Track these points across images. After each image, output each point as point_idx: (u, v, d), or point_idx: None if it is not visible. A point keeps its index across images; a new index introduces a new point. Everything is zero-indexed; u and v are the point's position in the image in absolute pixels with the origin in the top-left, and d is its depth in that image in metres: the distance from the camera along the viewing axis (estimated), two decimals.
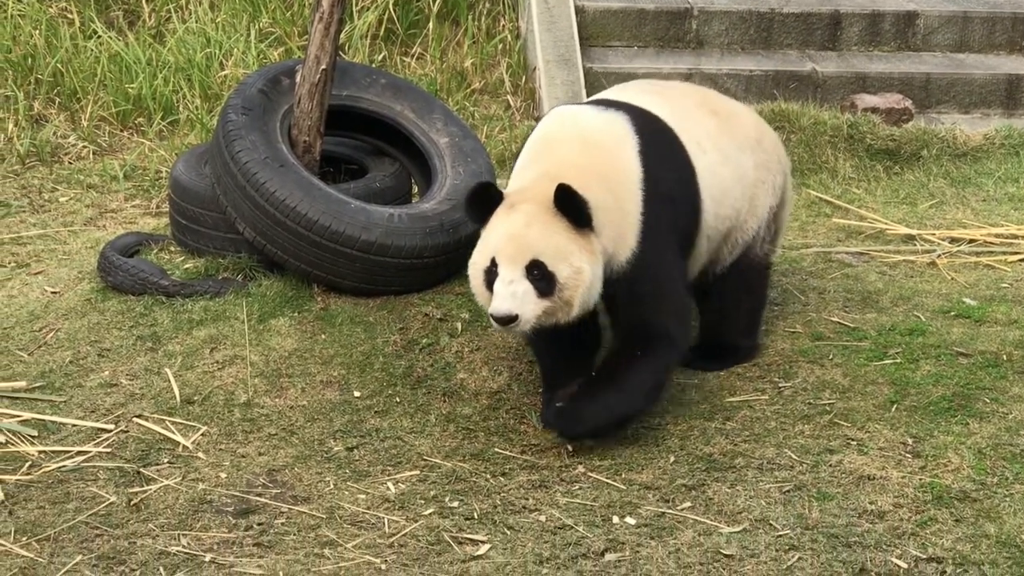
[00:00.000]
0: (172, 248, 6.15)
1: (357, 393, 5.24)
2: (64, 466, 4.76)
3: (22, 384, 5.26)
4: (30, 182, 7.57)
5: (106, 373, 5.35)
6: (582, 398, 4.81)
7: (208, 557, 4.27)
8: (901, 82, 8.63)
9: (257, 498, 4.60)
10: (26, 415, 5.05)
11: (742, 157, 5.29)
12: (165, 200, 6.89)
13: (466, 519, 4.50)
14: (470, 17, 8.80)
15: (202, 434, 4.99)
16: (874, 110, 8.10)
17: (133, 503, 4.56)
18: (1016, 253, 6.67)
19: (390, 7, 8.74)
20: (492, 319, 4.57)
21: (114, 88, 8.20)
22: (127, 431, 4.99)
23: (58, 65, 8.32)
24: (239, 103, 5.87)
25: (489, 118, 8.22)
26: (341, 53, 6.96)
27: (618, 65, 8.55)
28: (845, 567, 4.21)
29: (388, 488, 4.69)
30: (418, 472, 4.78)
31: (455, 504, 4.58)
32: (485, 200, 4.71)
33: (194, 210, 5.98)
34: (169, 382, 5.27)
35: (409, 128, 6.21)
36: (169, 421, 5.05)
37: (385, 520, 4.50)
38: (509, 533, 4.42)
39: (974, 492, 4.59)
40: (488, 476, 4.75)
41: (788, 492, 4.61)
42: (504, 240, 4.59)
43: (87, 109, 8.14)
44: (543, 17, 8.47)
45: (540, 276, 4.55)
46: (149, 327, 5.60)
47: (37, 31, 8.48)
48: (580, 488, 4.67)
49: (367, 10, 8.71)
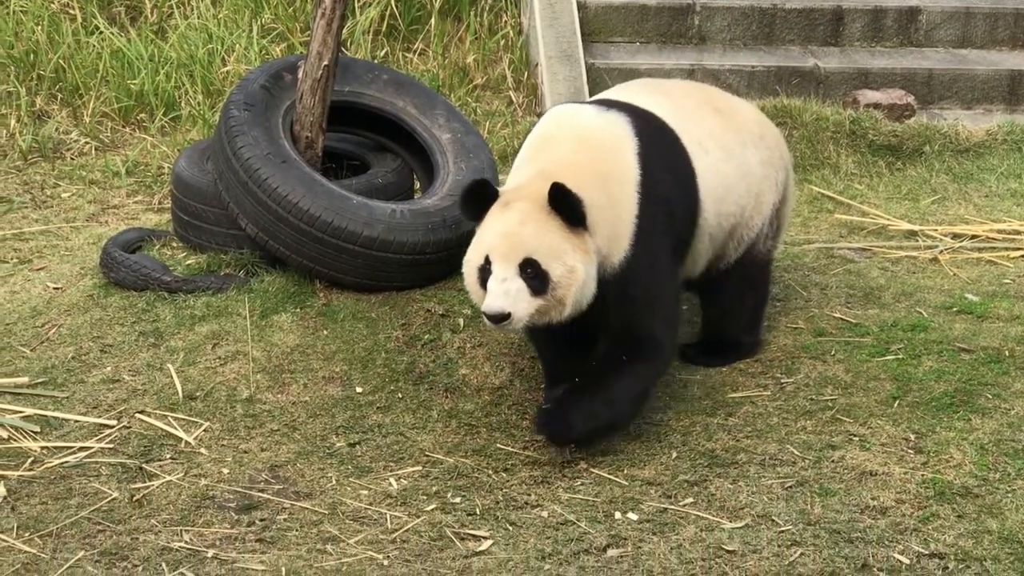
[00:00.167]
0: (174, 244, 6.15)
1: (359, 389, 5.24)
2: (66, 462, 4.77)
3: (24, 380, 5.26)
4: (32, 178, 7.57)
5: (108, 369, 5.35)
6: (571, 404, 4.75)
7: (210, 553, 4.27)
8: (903, 78, 8.63)
9: (259, 494, 4.61)
10: (28, 411, 5.06)
11: (746, 153, 5.28)
12: (167, 196, 6.89)
13: (468, 515, 4.50)
14: (472, 13, 8.79)
15: (204, 430, 4.99)
16: (876, 106, 8.09)
17: (135, 499, 4.56)
18: (1018, 249, 6.67)
19: (392, 3, 8.73)
20: (485, 317, 4.56)
21: (116, 84, 8.20)
22: (129, 427, 5.00)
23: (60, 61, 8.31)
24: (241, 99, 5.87)
25: (491, 114, 8.22)
26: (343, 49, 6.95)
27: (620, 61, 8.55)
28: (847, 563, 4.22)
29: (390, 484, 4.69)
30: (420, 468, 4.78)
31: (457, 500, 4.58)
32: (480, 197, 4.70)
33: (196, 206, 5.98)
34: (171, 378, 5.27)
35: (411, 124, 6.21)
36: (171, 417, 5.05)
37: (387, 516, 4.50)
38: (511, 529, 4.42)
39: (976, 488, 4.59)
40: (490, 472, 4.75)
41: (790, 488, 4.61)
42: (498, 238, 4.58)
43: (89, 105, 8.13)
44: (545, 13, 8.46)
45: (534, 274, 4.54)
46: (151, 323, 5.60)
47: (39, 27, 8.48)
48: (582, 484, 4.67)
49: (369, 6, 8.71)
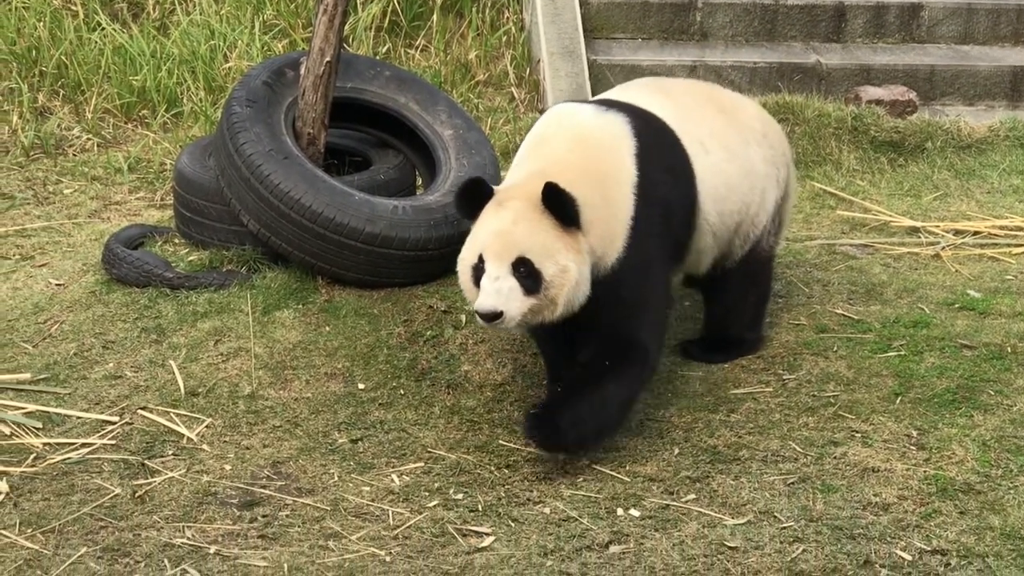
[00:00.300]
0: (176, 240, 6.15)
1: (361, 385, 5.24)
2: (69, 458, 4.77)
3: (27, 376, 5.27)
4: (34, 174, 7.57)
5: (111, 365, 5.35)
6: (559, 411, 4.68)
7: (213, 549, 4.28)
8: (905, 74, 8.62)
9: (261, 490, 4.61)
10: (31, 407, 5.06)
11: (749, 151, 5.27)
12: (169, 192, 6.89)
13: (470, 511, 4.50)
14: (474, 9, 8.79)
15: (206, 426, 4.99)
16: (878, 102, 8.08)
17: (138, 495, 4.56)
18: (1020, 245, 6.66)
19: None
20: (477, 315, 4.54)
21: (118, 80, 8.20)
22: (131, 423, 5.00)
23: (62, 57, 8.32)
24: (243, 95, 5.87)
25: (493, 110, 8.22)
26: (345, 45, 6.94)
27: (622, 57, 8.55)
28: (849, 559, 4.21)
29: (392, 480, 4.69)
30: (422, 464, 4.78)
31: (459, 496, 4.58)
32: (475, 196, 4.69)
33: (198, 202, 5.98)
34: (173, 374, 5.27)
35: (413, 120, 6.21)
36: (174, 413, 5.05)
37: (389, 512, 4.50)
38: (513, 525, 4.42)
39: (978, 484, 4.59)
40: (492, 468, 4.75)
41: (792, 484, 4.61)
42: (492, 236, 4.57)
43: (91, 101, 8.13)
44: (547, 9, 8.46)
45: (527, 273, 4.52)
46: (153, 319, 5.60)
47: (41, 23, 8.48)
48: (584, 480, 4.67)
49: (371, 2, 8.70)
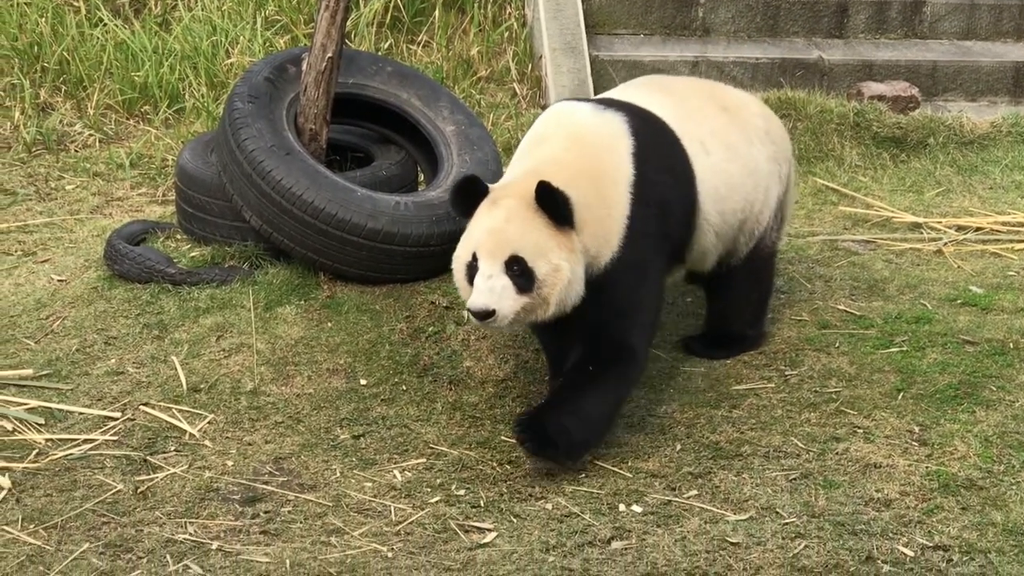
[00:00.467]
0: (178, 236, 6.15)
1: (363, 381, 5.24)
2: (71, 454, 4.77)
3: (29, 372, 5.27)
4: (36, 170, 7.57)
5: (113, 361, 5.36)
6: (549, 419, 4.64)
7: (215, 545, 4.28)
8: (908, 70, 8.62)
9: (264, 486, 4.61)
10: (33, 403, 5.06)
11: (753, 150, 5.25)
12: (171, 188, 6.89)
13: (472, 507, 4.50)
14: (476, 5, 8.78)
15: (208, 422, 4.99)
16: (881, 98, 8.08)
17: (140, 491, 4.56)
18: (1023, 241, 6.66)
19: None
20: (470, 314, 4.53)
21: (120, 76, 8.20)
22: (134, 419, 5.00)
23: (64, 53, 8.31)
24: (245, 91, 5.87)
25: (495, 106, 8.21)
26: (347, 41, 6.94)
27: (624, 53, 8.54)
28: (851, 555, 4.22)
29: (394, 476, 4.69)
30: (424, 460, 4.78)
31: (461, 492, 4.59)
32: (470, 193, 4.68)
33: (200, 198, 5.98)
34: (175, 370, 5.28)
35: (415, 116, 6.21)
36: (176, 409, 5.06)
37: (391, 508, 4.50)
38: (515, 521, 4.42)
39: (980, 480, 4.59)
40: (494, 464, 4.75)
41: (794, 480, 4.61)
42: (485, 235, 4.56)
43: (93, 97, 8.13)
44: (549, 5, 8.45)
45: (520, 272, 4.51)
46: (155, 315, 5.60)
47: (43, 19, 8.47)
48: (586, 476, 4.67)
49: None
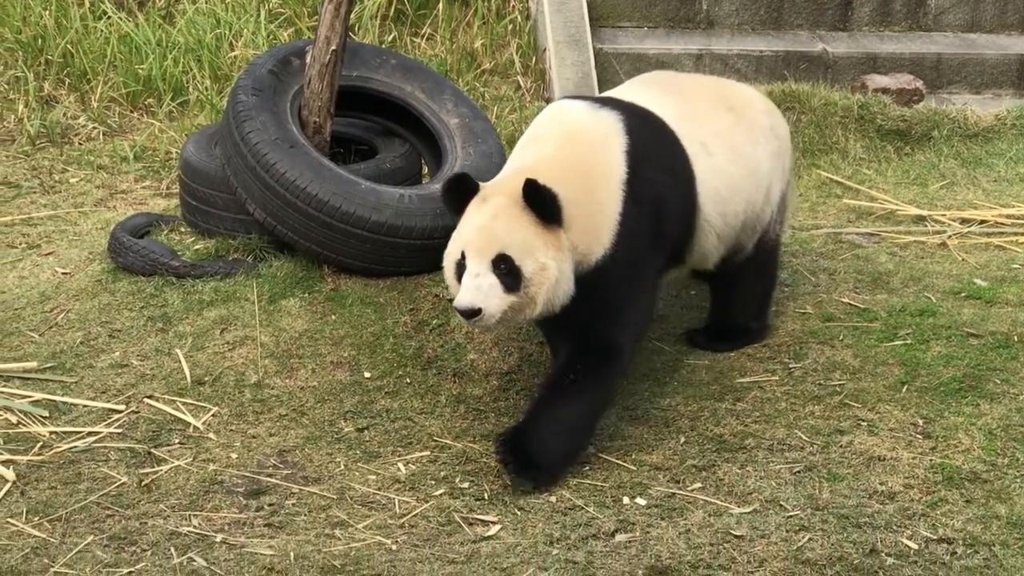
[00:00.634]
0: (182, 229, 6.15)
1: (367, 374, 5.24)
2: (75, 447, 4.78)
3: (33, 365, 5.27)
4: (40, 163, 7.57)
5: (117, 354, 5.36)
6: (530, 436, 4.58)
7: (219, 538, 4.28)
8: (912, 62, 8.60)
9: (268, 479, 4.61)
10: (37, 396, 5.07)
11: (756, 150, 5.21)
12: (175, 181, 6.89)
13: (476, 500, 4.50)
14: None
15: (213, 415, 5.00)
16: (885, 91, 8.06)
17: (144, 484, 4.57)
18: None
19: None
20: (457, 312, 4.50)
21: (124, 69, 8.19)
22: (138, 412, 5.00)
23: (68, 46, 8.31)
24: (249, 84, 5.87)
25: (499, 99, 8.20)
26: (351, 34, 6.94)
27: (628, 46, 8.53)
28: (855, 548, 4.22)
29: (398, 469, 4.69)
30: (428, 453, 4.78)
31: (465, 485, 4.59)
32: (461, 191, 4.64)
33: (204, 191, 5.98)
34: (180, 363, 5.28)
35: (419, 109, 6.20)
36: (180, 402, 5.06)
37: (395, 501, 4.50)
38: (519, 514, 4.42)
39: (984, 473, 4.59)
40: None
41: (798, 473, 4.61)
42: (473, 233, 4.52)
43: (97, 90, 8.13)
44: None
45: (507, 271, 4.46)
46: (160, 308, 5.60)
47: (47, 12, 8.47)
48: (590, 469, 4.67)
49: None
